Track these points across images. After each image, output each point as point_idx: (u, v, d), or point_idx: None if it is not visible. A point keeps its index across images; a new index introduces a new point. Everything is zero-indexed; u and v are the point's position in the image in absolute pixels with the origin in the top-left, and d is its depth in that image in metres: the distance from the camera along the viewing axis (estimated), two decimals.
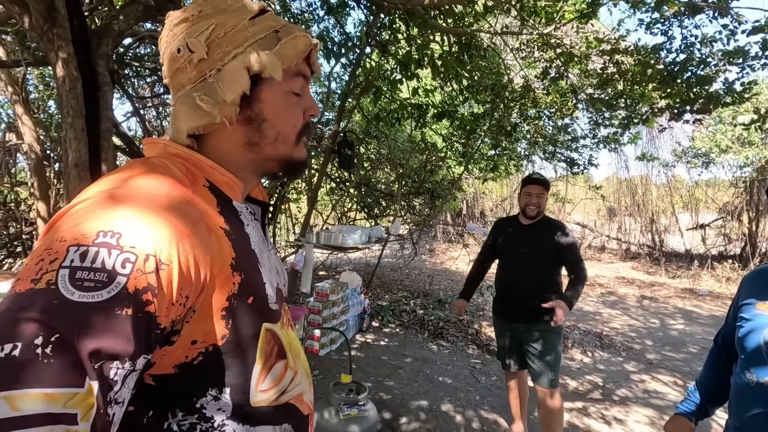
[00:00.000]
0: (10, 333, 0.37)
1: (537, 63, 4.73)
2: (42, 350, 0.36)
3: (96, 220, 0.44)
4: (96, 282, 0.41)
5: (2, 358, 0.35)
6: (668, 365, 4.23)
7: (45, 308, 0.39)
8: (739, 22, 2.92)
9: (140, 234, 0.44)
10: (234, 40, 0.57)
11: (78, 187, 2.13)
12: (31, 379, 0.36)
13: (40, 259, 0.42)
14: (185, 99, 0.58)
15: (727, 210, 10.46)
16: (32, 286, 0.40)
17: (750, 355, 1.04)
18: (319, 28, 4.36)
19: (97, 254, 0.42)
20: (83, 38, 2.31)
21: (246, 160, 0.63)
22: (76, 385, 0.37)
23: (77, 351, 0.38)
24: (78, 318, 0.39)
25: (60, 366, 0.37)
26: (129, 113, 5.83)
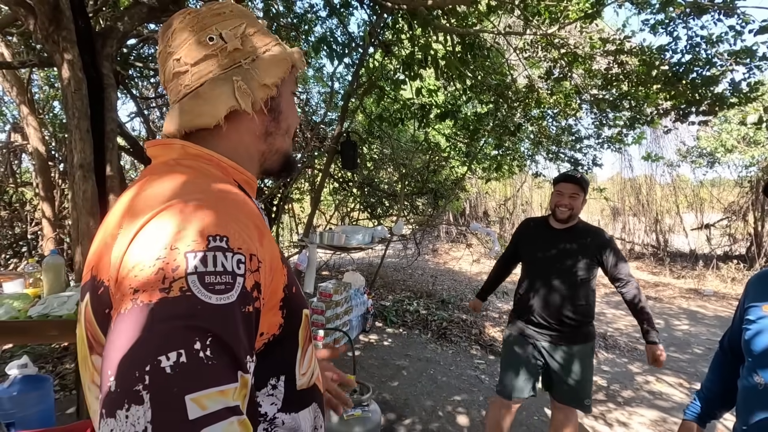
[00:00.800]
0: (169, 342, 0.39)
1: (541, 63, 4.72)
2: (204, 353, 0.40)
3: (199, 226, 0.45)
4: (225, 284, 0.44)
5: (173, 365, 0.38)
6: (673, 366, 4.21)
7: (190, 314, 0.41)
8: (746, 22, 2.89)
9: (242, 235, 0.48)
10: (262, 39, 0.63)
11: (82, 187, 2.15)
12: (207, 380, 0.39)
13: (159, 269, 0.43)
14: (217, 81, 0.59)
15: (733, 210, 10.39)
16: (165, 295, 0.41)
17: (757, 358, 1.04)
18: (322, 29, 4.36)
19: (216, 258, 0.44)
20: (88, 40, 2.32)
21: (258, 151, 0.66)
22: (235, 380, 0.42)
23: (231, 349, 0.42)
24: (222, 318, 0.42)
25: (222, 365, 0.41)
26: (133, 114, 5.86)
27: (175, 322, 0.40)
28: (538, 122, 5.27)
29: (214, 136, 0.61)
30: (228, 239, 0.46)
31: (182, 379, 0.38)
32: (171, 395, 0.37)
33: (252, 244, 0.49)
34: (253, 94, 0.60)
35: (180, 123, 0.59)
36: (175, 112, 0.60)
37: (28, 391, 2.02)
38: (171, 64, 0.61)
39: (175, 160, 0.58)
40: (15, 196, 5.57)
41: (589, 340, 2.03)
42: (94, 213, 2.15)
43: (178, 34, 0.61)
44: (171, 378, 0.38)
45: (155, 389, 0.37)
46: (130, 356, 0.39)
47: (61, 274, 1.86)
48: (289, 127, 0.68)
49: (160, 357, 0.38)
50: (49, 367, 3.32)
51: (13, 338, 1.88)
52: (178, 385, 0.38)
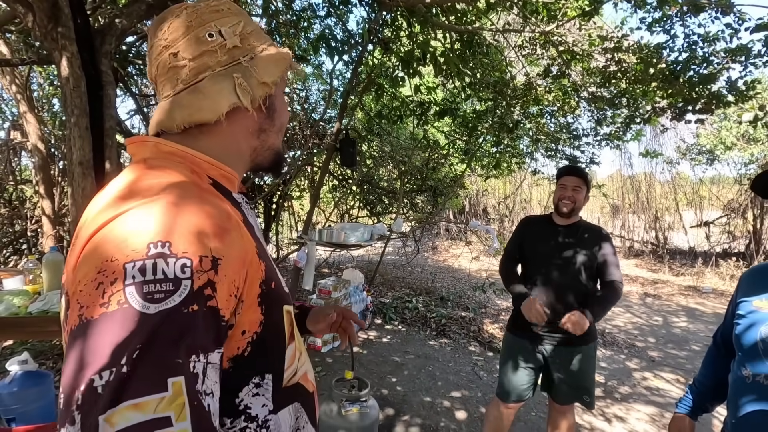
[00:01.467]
0: (103, 361, 0.39)
1: (539, 60, 4.72)
2: (127, 368, 0.39)
3: (140, 235, 0.45)
4: (165, 291, 0.43)
5: (102, 385, 0.38)
6: (671, 363, 4.23)
7: (130, 328, 0.41)
8: (742, 20, 2.89)
9: (187, 238, 0.46)
10: (259, 38, 0.65)
11: (82, 184, 2.16)
12: (124, 396, 0.39)
13: (98, 283, 0.43)
14: (217, 77, 0.60)
15: (732, 207, 10.40)
16: (104, 310, 0.42)
17: (746, 352, 1.05)
18: (321, 26, 4.36)
19: (156, 266, 0.44)
20: (87, 37, 2.33)
21: (250, 147, 0.67)
22: (162, 389, 0.40)
23: (157, 357, 0.41)
24: (161, 325, 0.42)
25: (144, 376, 0.40)
26: (132, 111, 5.85)
27: (111, 338, 0.40)
28: (537, 119, 5.28)
29: (206, 132, 0.61)
30: (170, 244, 0.45)
31: (104, 397, 0.38)
32: (89, 415, 0.38)
33: (204, 245, 0.47)
34: (253, 91, 0.61)
35: (179, 118, 0.59)
36: (170, 106, 0.60)
37: (29, 387, 2.04)
38: (166, 57, 0.60)
39: (145, 160, 0.58)
40: (15, 194, 5.57)
41: (590, 341, 2.00)
42: None
43: (174, 28, 0.60)
44: (95, 398, 0.38)
45: (83, 411, 0.38)
46: (72, 375, 0.40)
47: (61, 270, 1.87)
48: (282, 125, 0.69)
49: (94, 376, 0.39)
50: (50, 364, 3.34)
51: (14, 334, 1.90)
52: (97, 404, 0.38)
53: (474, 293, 6.37)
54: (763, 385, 0.98)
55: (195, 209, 0.50)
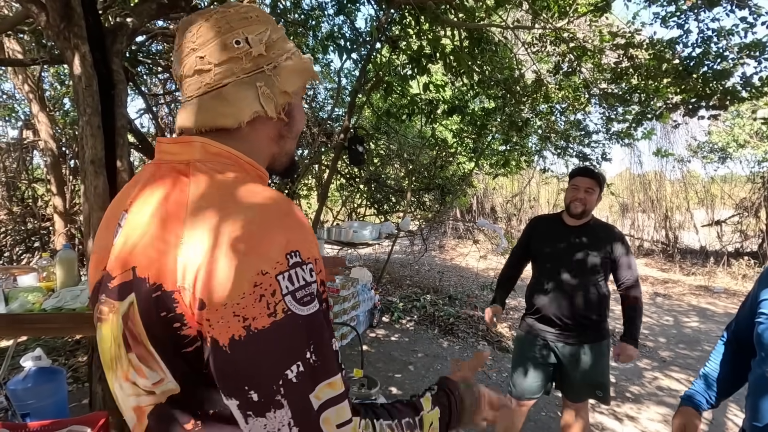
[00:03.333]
0: (290, 358, 0.50)
1: (549, 57, 4.67)
2: (312, 359, 0.51)
3: (274, 245, 0.51)
4: (309, 294, 0.52)
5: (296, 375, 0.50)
6: (682, 363, 4.18)
7: (297, 330, 0.50)
8: (758, 14, 2.84)
9: (305, 244, 0.53)
10: (283, 47, 0.66)
11: (94, 183, 2.17)
12: (318, 378, 0.51)
13: (260, 296, 0.49)
14: (242, 85, 0.61)
15: (744, 206, 10.24)
16: (274, 319, 0.49)
17: None
18: (329, 24, 4.36)
19: (297, 274, 0.51)
20: (98, 36, 2.34)
21: (269, 152, 0.69)
22: (336, 371, 0.54)
23: (326, 347, 0.53)
24: (317, 325, 0.52)
25: (324, 363, 0.52)
26: (142, 110, 5.90)
27: (289, 340, 0.50)
28: (547, 117, 5.23)
29: (232, 136, 0.63)
30: (299, 252, 0.52)
31: (303, 383, 0.50)
32: (299, 397, 0.50)
33: (313, 247, 0.55)
34: (275, 99, 0.63)
35: (200, 120, 0.61)
36: (194, 108, 0.61)
37: (43, 382, 2.06)
38: (193, 60, 0.61)
39: (196, 162, 0.59)
40: (27, 192, 5.64)
41: (603, 338, 1.98)
42: (105, 208, 2.17)
43: (203, 32, 0.61)
44: (297, 385, 0.50)
45: (289, 395, 0.50)
46: (263, 374, 0.49)
47: (74, 268, 1.89)
48: (298, 132, 0.72)
49: (287, 371, 0.49)
50: (62, 360, 3.38)
51: (29, 331, 1.92)
52: (302, 389, 0.50)
53: (482, 292, 6.34)
54: None
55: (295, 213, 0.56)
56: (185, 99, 0.63)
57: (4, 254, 5.25)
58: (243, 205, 0.53)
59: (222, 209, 0.53)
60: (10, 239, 5.34)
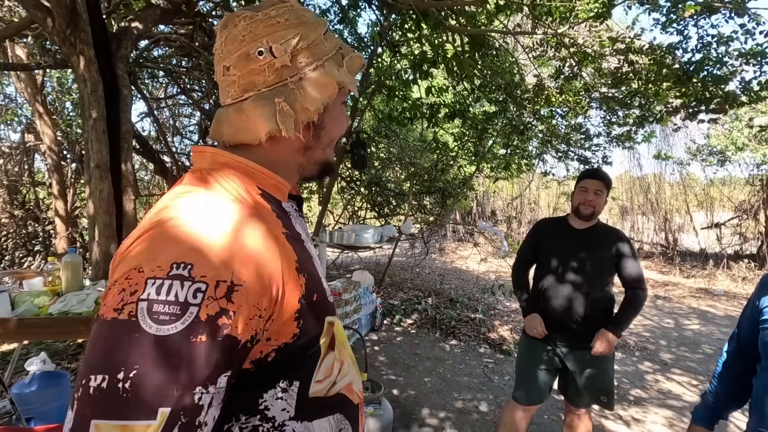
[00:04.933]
0: (99, 364, 0.42)
1: (550, 62, 4.70)
2: (122, 384, 0.40)
3: (169, 251, 0.46)
4: (170, 315, 0.43)
5: (94, 387, 0.41)
6: (683, 365, 4.19)
7: (127, 341, 0.42)
8: (757, 22, 2.87)
9: (210, 262, 0.46)
10: (314, 53, 0.60)
11: (99, 187, 2.19)
12: (112, 412, 0.40)
13: (122, 289, 0.45)
14: (260, 100, 0.58)
15: (743, 208, 10.27)
16: (116, 315, 0.43)
17: None
18: (330, 30, 4.38)
19: (171, 287, 0.44)
20: (104, 41, 2.36)
21: (295, 163, 0.66)
22: (150, 417, 0.41)
23: (153, 385, 0.41)
24: (157, 351, 0.42)
25: (136, 400, 0.40)
26: (143, 114, 5.92)
27: (111, 346, 0.42)
28: (548, 121, 5.26)
29: (255, 148, 0.61)
30: (192, 267, 0.45)
31: (96, 402, 0.40)
32: (84, 413, 0.41)
33: (226, 269, 0.47)
34: (296, 115, 0.59)
35: (225, 135, 0.61)
36: (221, 119, 0.61)
37: (47, 387, 2.07)
38: (221, 69, 0.60)
39: (202, 171, 0.58)
40: (29, 196, 5.65)
41: None
42: (110, 212, 2.18)
43: (230, 40, 0.59)
44: (89, 398, 0.41)
45: (79, 403, 0.41)
46: (83, 364, 0.43)
47: (80, 272, 1.90)
48: (331, 140, 0.67)
49: (90, 376, 0.41)
50: (65, 364, 3.37)
51: (35, 335, 1.93)
52: (91, 407, 0.40)
53: (483, 295, 6.34)
54: None
55: (229, 230, 0.50)
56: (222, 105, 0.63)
57: (5, 257, 5.26)
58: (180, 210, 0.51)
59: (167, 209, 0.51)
60: (11, 242, 5.35)
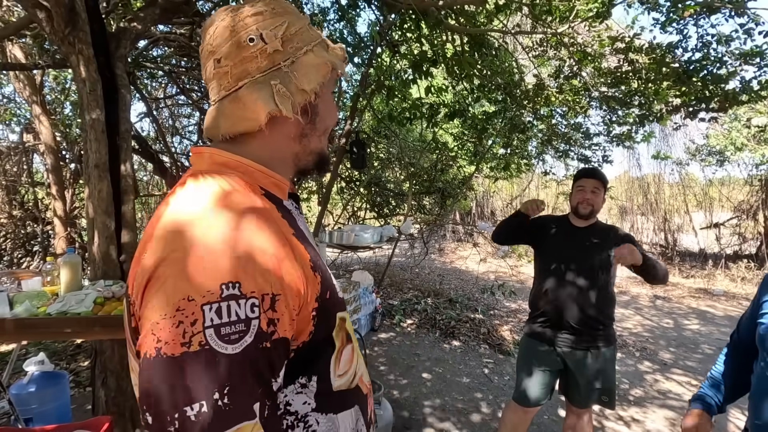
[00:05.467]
0: (193, 395, 0.45)
1: (550, 61, 4.70)
2: (222, 401, 0.45)
3: (213, 274, 0.48)
4: (238, 333, 0.47)
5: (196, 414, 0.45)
6: (683, 365, 4.19)
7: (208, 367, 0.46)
8: (756, 22, 2.87)
9: (254, 278, 0.49)
10: (303, 38, 0.62)
11: (98, 187, 2.17)
12: (226, 423, 0.45)
13: (178, 321, 0.46)
14: (256, 85, 0.59)
15: (742, 209, 10.28)
16: (186, 349, 0.46)
17: None
18: (329, 30, 4.37)
19: (230, 308, 0.47)
20: (102, 41, 2.35)
21: (291, 152, 0.66)
22: (251, 417, 0.48)
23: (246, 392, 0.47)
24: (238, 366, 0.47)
25: (238, 407, 0.46)
26: (142, 114, 5.91)
27: (198, 376, 0.45)
28: (547, 120, 5.25)
29: (253, 139, 0.62)
30: (240, 285, 0.48)
31: (202, 425, 0.45)
32: None
33: (266, 282, 0.50)
34: (293, 97, 0.60)
35: (223, 127, 0.60)
36: (216, 113, 0.61)
37: (46, 387, 2.06)
38: (212, 63, 0.60)
39: (199, 173, 0.59)
40: (27, 196, 5.64)
41: (610, 343, 1.95)
42: (109, 212, 2.17)
43: (219, 33, 0.60)
44: (195, 424, 0.44)
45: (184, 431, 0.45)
46: (162, 401, 0.45)
47: (78, 272, 1.89)
48: (326, 128, 0.68)
49: (186, 408, 0.44)
50: (63, 364, 3.36)
51: (34, 335, 1.92)
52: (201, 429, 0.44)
53: (482, 295, 6.34)
54: None
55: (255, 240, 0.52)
56: (210, 104, 0.63)
57: (3, 258, 5.24)
58: (201, 223, 0.51)
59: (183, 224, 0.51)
60: (10, 243, 5.33)
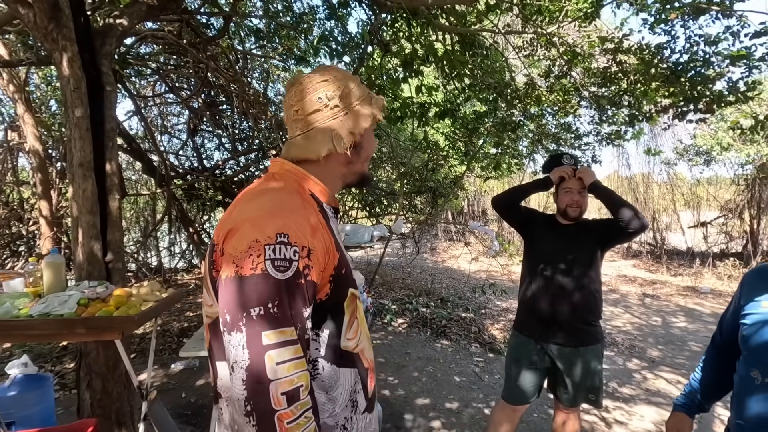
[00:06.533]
0: (255, 301, 0.69)
1: (540, 61, 4.72)
2: (273, 309, 0.70)
3: (273, 225, 0.74)
4: (285, 266, 0.72)
5: (257, 314, 0.69)
6: (671, 363, 4.24)
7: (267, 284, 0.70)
8: (743, 24, 2.90)
9: (298, 233, 0.75)
10: (355, 95, 0.89)
11: (83, 186, 2.14)
12: (274, 324, 0.69)
13: (250, 254, 0.71)
14: (321, 130, 0.86)
15: (729, 208, 10.44)
16: (253, 272, 0.70)
17: (756, 353, 1.04)
18: (320, 29, 4.35)
19: (280, 249, 0.72)
20: (87, 38, 2.31)
21: (340, 173, 0.94)
22: (291, 324, 0.71)
23: (288, 306, 0.71)
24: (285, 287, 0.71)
25: (282, 316, 0.70)
26: (131, 112, 5.83)
27: (259, 288, 0.70)
28: (538, 120, 5.28)
29: (314, 163, 0.89)
30: (288, 236, 0.73)
31: (261, 322, 0.69)
32: (254, 330, 0.69)
33: (305, 238, 0.75)
34: (345, 139, 0.87)
35: (293, 153, 0.89)
36: (292, 144, 0.89)
37: (29, 390, 2.02)
38: (292, 113, 0.89)
39: (273, 173, 0.89)
40: (12, 195, 5.53)
41: (597, 341, 1.96)
42: (94, 212, 2.14)
43: (298, 93, 0.88)
44: (255, 321, 0.69)
45: (247, 326, 0.69)
46: (236, 304, 0.70)
47: (62, 273, 1.86)
48: (367, 156, 0.96)
49: (250, 309, 0.69)
50: (49, 366, 3.31)
51: (15, 337, 1.88)
52: (259, 326, 0.69)
53: (474, 294, 6.36)
54: None
55: (302, 213, 0.78)
56: (289, 137, 0.92)
57: None
58: (268, 199, 0.80)
59: (256, 199, 0.80)
60: None
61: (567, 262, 1.95)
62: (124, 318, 1.62)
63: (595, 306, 1.95)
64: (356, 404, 0.86)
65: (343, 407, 0.84)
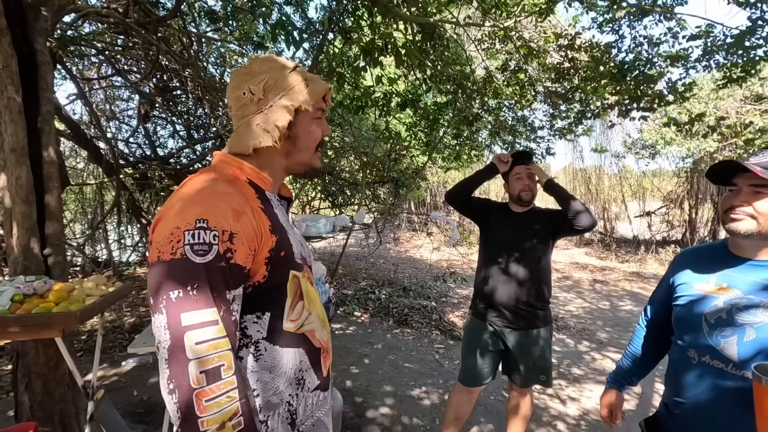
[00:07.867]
0: (174, 283, 0.73)
1: (498, 55, 4.82)
2: (192, 291, 0.73)
3: (193, 212, 0.76)
4: (204, 251, 0.75)
5: (176, 297, 0.72)
6: (617, 344, 4.52)
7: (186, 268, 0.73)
8: (681, 27, 3.10)
9: (218, 218, 0.77)
10: (280, 87, 0.90)
11: (16, 173, 1.98)
12: (193, 306, 0.72)
13: (170, 240, 0.75)
14: (248, 125, 0.89)
15: (671, 198, 11.19)
16: (172, 257, 0.74)
17: (691, 334, 1.09)
18: (278, 14, 4.22)
19: (200, 234, 0.75)
20: (18, 11, 2.12)
21: (281, 165, 0.96)
22: (211, 305, 0.74)
23: (208, 289, 0.74)
24: (204, 271, 0.74)
25: (202, 297, 0.73)
26: (73, 96, 5.43)
27: (178, 273, 0.73)
28: (495, 112, 5.40)
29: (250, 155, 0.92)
30: (208, 221, 0.76)
31: (180, 304, 0.72)
32: (173, 311, 0.72)
33: (226, 222, 0.77)
34: (271, 132, 0.89)
35: (230, 147, 0.92)
36: (230, 139, 0.93)
37: None
38: (229, 109, 0.94)
39: (211, 165, 0.92)
40: None
41: (548, 324, 2.07)
42: (29, 201, 1.99)
43: (229, 90, 0.92)
44: (175, 303, 0.72)
45: (167, 308, 0.72)
46: (157, 288, 0.73)
47: None
48: (308, 145, 0.96)
49: (170, 292, 0.72)
50: None
51: None
52: (178, 307, 0.72)
53: (435, 283, 6.49)
54: (708, 364, 1.03)
55: (225, 198, 0.80)
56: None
57: None
58: (191, 188, 0.82)
59: (183, 190, 0.82)
60: None
61: (520, 249, 2.02)
62: (65, 314, 1.53)
63: (543, 290, 2.04)
64: (303, 382, 0.91)
65: (287, 385, 0.87)
